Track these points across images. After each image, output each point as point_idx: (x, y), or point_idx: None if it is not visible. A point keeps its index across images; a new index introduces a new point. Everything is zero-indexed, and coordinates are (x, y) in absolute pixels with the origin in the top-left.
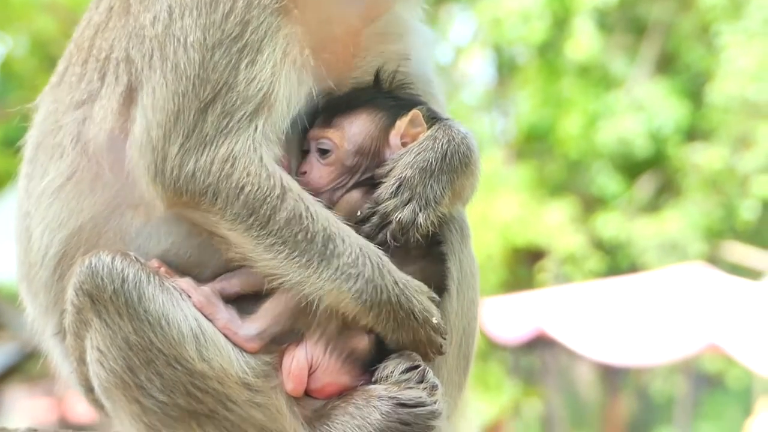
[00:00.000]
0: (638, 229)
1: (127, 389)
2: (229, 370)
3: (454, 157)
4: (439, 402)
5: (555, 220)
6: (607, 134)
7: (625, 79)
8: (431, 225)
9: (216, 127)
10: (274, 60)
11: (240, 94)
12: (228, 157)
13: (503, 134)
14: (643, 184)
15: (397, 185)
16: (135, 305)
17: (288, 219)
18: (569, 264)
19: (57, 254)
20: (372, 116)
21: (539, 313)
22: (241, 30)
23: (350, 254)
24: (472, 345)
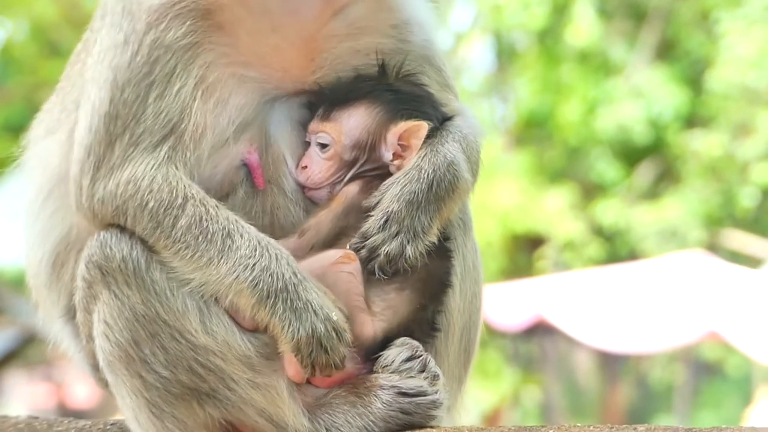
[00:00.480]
0: (637, 216)
1: (130, 363)
2: (232, 344)
3: (440, 186)
4: (440, 392)
5: (554, 206)
6: (607, 121)
7: (624, 65)
8: (420, 255)
9: (122, 156)
10: (186, 90)
11: (147, 127)
12: (130, 180)
13: (503, 120)
14: (642, 171)
15: (384, 219)
16: (143, 273)
17: (189, 225)
18: (568, 251)
19: (50, 259)
20: (370, 110)
21: (538, 300)
22: (149, 68)
23: (248, 247)
24: (474, 338)
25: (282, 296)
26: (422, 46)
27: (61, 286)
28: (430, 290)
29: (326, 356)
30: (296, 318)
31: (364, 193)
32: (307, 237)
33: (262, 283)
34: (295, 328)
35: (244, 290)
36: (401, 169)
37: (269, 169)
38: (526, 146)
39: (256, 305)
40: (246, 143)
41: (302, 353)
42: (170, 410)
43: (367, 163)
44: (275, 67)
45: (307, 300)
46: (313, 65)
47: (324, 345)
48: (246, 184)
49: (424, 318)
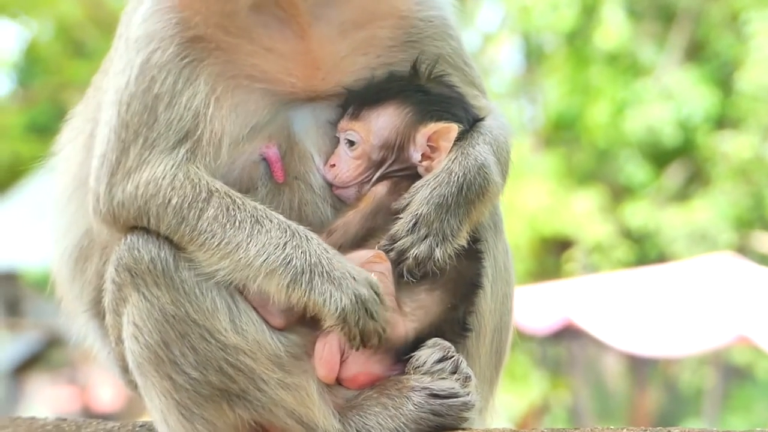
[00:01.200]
0: (667, 219)
1: (160, 364)
2: (262, 343)
3: (470, 189)
4: (472, 393)
5: (583, 209)
6: (636, 123)
7: (653, 67)
8: (449, 258)
9: (138, 160)
10: (197, 100)
11: (161, 133)
12: (150, 180)
13: (531, 122)
14: (671, 173)
15: (413, 222)
16: (171, 273)
17: (215, 215)
18: (597, 254)
19: (73, 253)
20: (399, 110)
21: (567, 303)
22: (147, 85)
23: (278, 229)
24: (505, 340)
25: (317, 270)
26: (442, 39)
27: (84, 280)
28: (461, 291)
29: (373, 322)
30: (336, 287)
31: (393, 194)
32: (335, 237)
33: (296, 259)
34: (337, 298)
35: (276, 269)
36: (430, 170)
37: (295, 166)
38: (555, 148)
39: (291, 284)
40: (264, 139)
41: (349, 323)
42: (200, 412)
43: (395, 164)
44: (282, 80)
45: (344, 268)
46: (320, 73)
47: (369, 310)
48: (267, 179)
49: (456, 318)
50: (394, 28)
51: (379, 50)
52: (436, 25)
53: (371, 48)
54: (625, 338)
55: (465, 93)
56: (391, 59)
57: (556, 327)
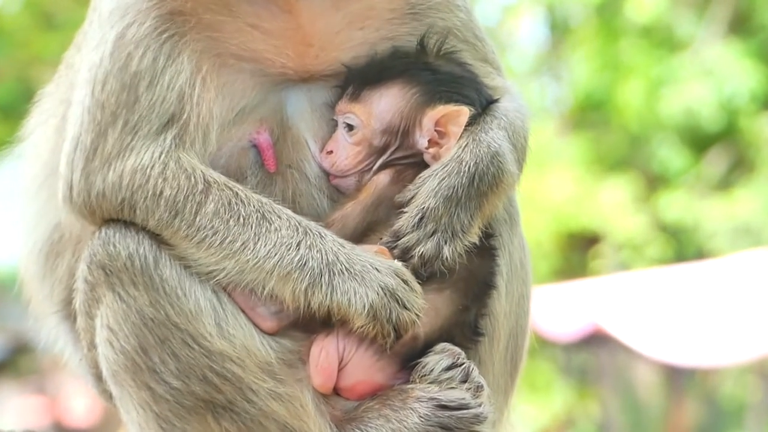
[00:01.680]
0: (706, 211)
1: (137, 373)
2: (251, 349)
3: (483, 180)
4: (484, 405)
5: (613, 200)
6: (672, 103)
7: (692, 40)
8: (458, 257)
9: (120, 145)
10: (181, 79)
11: (143, 115)
12: (137, 168)
13: (556, 103)
14: (711, 160)
15: (419, 216)
16: (151, 271)
17: (216, 209)
18: (628, 250)
19: (43, 248)
20: (404, 91)
21: (594, 305)
22: (124, 62)
23: (288, 227)
24: (521, 345)
25: (336, 268)
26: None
27: (55, 279)
28: (473, 291)
29: (406, 312)
30: (359, 283)
31: (396, 185)
32: (332, 231)
33: (311, 260)
34: (363, 294)
35: (291, 273)
36: (437, 158)
37: (288, 153)
38: (582, 132)
39: (310, 288)
40: (254, 124)
41: (380, 318)
42: (182, 425)
43: (398, 150)
44: (272, 60)
45: (365, 260)
46: (313, 50)
47: (400, 299)
48: (257, 168)
49: (467, 321)
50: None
51: (378, 23)
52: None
53: (369, 21)
54: (659, 346)
55: (477, 70)
56: (391, 33)
57: (583, 333)
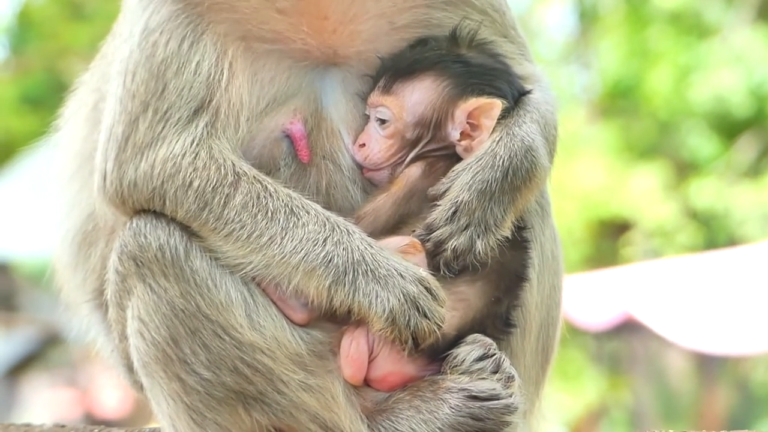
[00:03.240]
0: (737, 197)
1: (168, 364)
2: (282, 340)
3: (516, 175)
4: (515, 395)
5: (643, 187)
6: (701, 90)
7: (721, 26)
8: (491, 251)
9: (151, 134)
10: (208, 64)
11: (172, 103)
12: (168, 158)
13: (585, 91)
14: (742, 147)
15: (453, 210)
16: (181, 262)
17: (245, 203)
18: (659, 237)
19: (75, 237)
20: (437, 83)
21: (625, 293)
22: (151, 51)
23: (316, 222)
24: (553, 336)
25: (361, 269)
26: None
27: (88, 268)
28: (505, 283)
29: (426, 321)
30: (382, 287)
31: (428, 177)
32: (364, 224)
33: (337, 258)
34: (384, 298)
35: (316, 269)
36: (469, 150)
37: (323, 144)
38: (611, 119)
39: (333, 285)
40: (288, 114)
41: (399, 324)
42: (212, 416)
43: (431, 143)
44: (292, 38)
45: (389, 265)
46: (329, 24)
47: (421, 308)
48: (290, 159)
49: (498, 313)
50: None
51: None
52: None
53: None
54: (690, 334)
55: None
56: (407, 3)
57: (614, 321)
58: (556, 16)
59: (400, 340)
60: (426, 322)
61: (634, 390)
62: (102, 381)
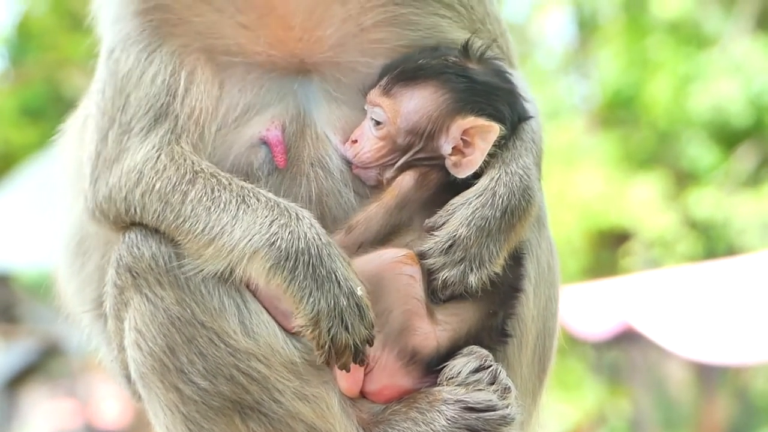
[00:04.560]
0: (737, 207)
1: (165, 374)
2: (275, 347)
3: (514, 213)
4: (512, 406)
5: (642, 197)
6: (700, 100)
7: (719, 36)
8: (483, 284)
9: (117, 148)
10: (164, 75)
11: (133, 114)
12: (132, 168)
13: (584, 100)
14: (741, 156)
15: (449, 243)
16: (174, 269)
17: (199, 198)
18: (659, 247)
19: (70, 245)
20: (437, 95)
21: (625, 303)
22: (115, 66)
23: (265, 207)
24: (549, 347)
25: (303, 259)
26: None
27: (84, 277)
28: (500, 296)
29: (346, 334)
30: (317, 287)
31: (420, 188)
32: (356, 233)
33: (281, 240)
34: (315, 299)
35: (259, 251)
36: (458, 166)
37: (309, 150)
38: (611, 129)
39: (272, 268)
40: (265, 122)
41: (321, 328)
42: (210, 426)
43: (422, 152)
44: (257, 51)
45: (331, 268)
46: (295, 34)
47: (345, 321)
48: (270, 166)
49: (494, 324)
50: None
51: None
52: None
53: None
54: (690, 344)
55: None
56: (373, 2)
57: (614, 331)
58: (556, 25)
59: (317, 344)
60: (346, 335)
61: (634, 399)
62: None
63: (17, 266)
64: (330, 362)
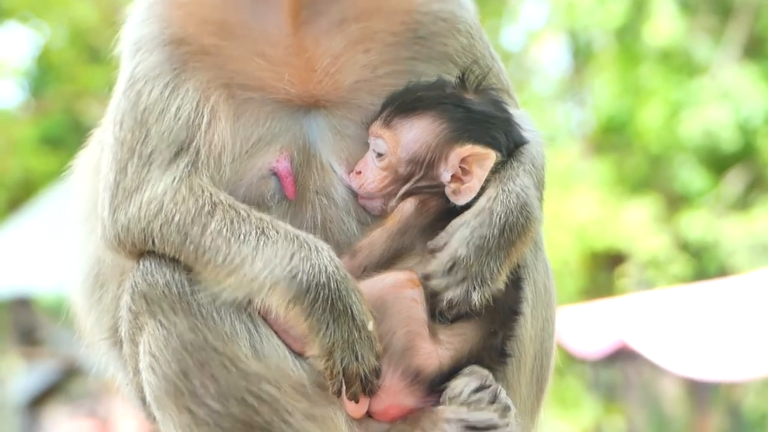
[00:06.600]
0: (727, 229)
1: (179, 397)
2: (286, 370)
3: (513, 231)
4: (511, 424)
5: (636, 220)
6: (691, 125)
7: (709, 64)
8: (486, 302)
9: (137, 178)
10: (187, 110)
11: (155, 147)
12: (152, 199)
13: (579, 126)
14: (731, 180)
15: (450, 264)
16: (188, 296)
17: (219, 229)
18: (652, 268)
19: (88, 277)
20: (435, 125)
21: (620, 323)
22: (136, 98)
23: (285, 239)
24: (547, 367)
25: (323, 293)
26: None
27: (101, 309)
28: (500, 317)
29: (357, 363)
30: (333, 320)
31: (421, 213)
32: (360, 258)
33: (301, 273)
34: (332, 331)
35: (280, 282)
36: (457, 193)
37: (315, 180)
38: (605, 154)
39: (292, 300)
40: (274, 153)
41: (335, 359)
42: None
43: (422, 180)
44: (276, 86)
45: (348, 303)
46: (316, 75)
47: (357, 352)
48: (280, 195)
49: (494, 345)
50: (397, 23)
51: (381, 46)
52: (443, 19)
53: (372, 44)
54: (683, 361)
55: None
56: (393, 56)
57: (610, 349)
58: (551, 54)
59: (330, 374)
60: (356, 364)
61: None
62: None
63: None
64: (340, 391)
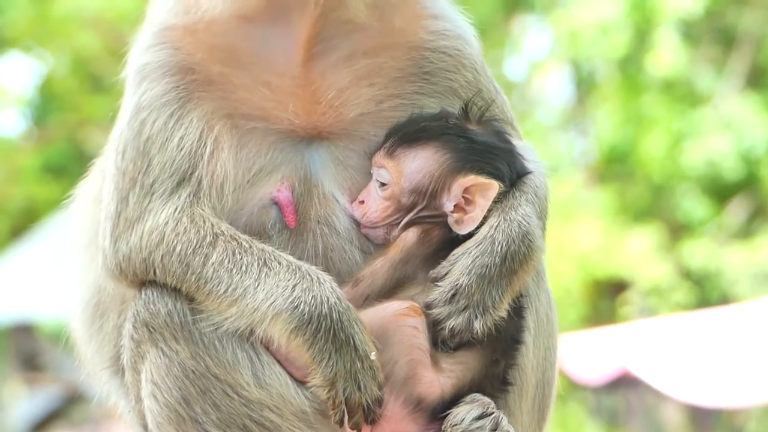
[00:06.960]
0: (729, 258)
1: (180, 424)
2: (287, 397)
3: (514, 259)
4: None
5: (638, 248)
6: (694, 155)
7: (712, 94)
8: (488, 330)
9: (139, 208)
10: (190, 140)
11: (157, 177)
12: (154, 229)
13: (582, 156)
14: (733, 209)
15: (452, 292)
16: (189, 325)
17: (221, 260)
18: (654, 296)
19: (88, 307)
20: (438, 155)
21: (623, 350)
22: (139, 128)
23: (287, 270)
24: (549, 395)
25: (325, 323)
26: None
27: (102, 338)
28: (503, 347)
29: (359, 395)
30: (336, 350)
31: (423, 243)
32: (362, 287)
33: (303, 304)
34: (334, 361)
35: (282, 313)
36: (460, 223)
37: (316, 209)
38: (608, 183)
39: (294, 331)
40: (275, 183)
41: (337, 389)
42: None
43: (425, 210)
44: (280, 117)
45: (350, 333)
46: (320, 108)
47: (359, 382)
48: (280, 225)
49: (496, 373)
50: (404, 59)
51: (386, 81)
52: (449, 55)
53: (377, 78)
54: (685, 388)
55: None
56: (398, 90)
57: (612, 376)
58: (555, 84)
59: (333, 403)
60: (359, 394)
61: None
62: None
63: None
64: (343, 420)
